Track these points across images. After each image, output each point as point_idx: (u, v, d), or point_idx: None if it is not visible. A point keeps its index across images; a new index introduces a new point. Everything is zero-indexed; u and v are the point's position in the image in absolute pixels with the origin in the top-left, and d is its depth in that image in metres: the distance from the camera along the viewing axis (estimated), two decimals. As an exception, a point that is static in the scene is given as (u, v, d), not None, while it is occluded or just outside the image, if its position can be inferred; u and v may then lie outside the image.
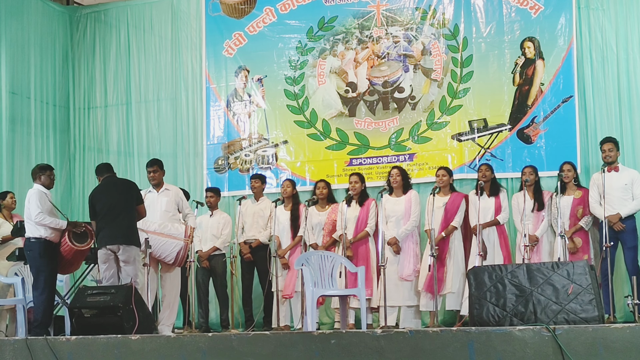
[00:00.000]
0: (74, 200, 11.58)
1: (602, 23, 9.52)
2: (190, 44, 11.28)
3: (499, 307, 6.01)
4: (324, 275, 7.69)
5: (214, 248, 9.56)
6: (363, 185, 9.05)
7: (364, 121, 10.30)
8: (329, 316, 9.57)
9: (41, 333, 7.23)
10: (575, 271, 5.99)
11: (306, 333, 6.05)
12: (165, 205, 8.29)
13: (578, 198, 8.52)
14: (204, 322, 9.61)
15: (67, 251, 7.57)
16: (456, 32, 10.03)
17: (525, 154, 9.58)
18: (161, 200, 8.30)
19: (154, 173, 8.37)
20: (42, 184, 7.81)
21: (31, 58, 11.16)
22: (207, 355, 5.90)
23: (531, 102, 9.65)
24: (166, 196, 8.34)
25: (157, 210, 8.24)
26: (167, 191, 8.40)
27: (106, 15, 11.82)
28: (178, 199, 8.39)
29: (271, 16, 10.89)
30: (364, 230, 8.84)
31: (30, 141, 11.04)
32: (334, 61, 10.53)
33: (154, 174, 8.37)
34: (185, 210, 8.43)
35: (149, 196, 8.32)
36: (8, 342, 6.73)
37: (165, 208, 8.28)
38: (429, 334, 5.48)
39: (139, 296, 7.42)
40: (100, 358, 6.25)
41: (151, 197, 8.32)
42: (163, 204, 8.28)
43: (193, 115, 11.15)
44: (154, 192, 8.36)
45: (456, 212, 8.70)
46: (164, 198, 8.32)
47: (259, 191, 9.70)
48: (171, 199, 8.33)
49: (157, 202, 8.28)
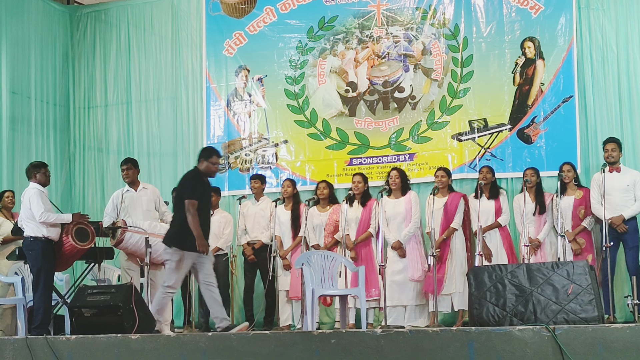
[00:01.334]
0: (74, 199, 11.58)
1: (602, 23, 9.52)
2: (190, 43, 11.27)
3: (499, 307, 6.02)
4: (324, 275, 7.69)
5: (216, 248, 9.55)
6: (366, 185, 9.05)
7: (364, 121, 10.30)
8: (329, 316, 9.57)
9: (41, 332, 7.23)
10: (575, 271, 6.01)
11: (306, 332, 6.05)
12: (146, 204, 8.34)
13: (579, 198, 8.52)
14: (204, 322, 9.60)
15: (69, 249, 7.59)
16: (456, 32, 10.03)
17: (526, 154, 9.58)
18: (141, 200, 8.34)
19: (127, 170, 8.42)
20: (39, 182, 7.81)
21: (31, 57, 11.16)
22: (207, 355, 5.91)
23: (531, 102, 9.65)
24: (145, 195, 8.39)
25: (139, 210, 8.28)
26: (145, 190, 8.44)
27: (106, 14, 11.81)
28: (156, 197, 8.47)
29: (271, 16, 10.89)
30: (367, 231, 8.85)
31: (30, 140, 11.04)
32: (334, 61, 10.53)
33: (127, 172, 8.41)
34: (162, 209, 8.50)
35: (127, 196, 8.36)
36: (8, 341, 6.73)
37: (147, 207, 8.34)
38: (428, 333, 5.49)
39: (139, 295, 7.42)
40: (100, 357, 6.26)
41: (130, 196, 8.36)
42: (144, 203, 8.32)
43: (193, 114, 11.15)
44: (132, 192, 8.39)
45: (455, 212, 8.70)
46: (144, 197, 8.37)
47: (259, 191, 9.70)
48: (150, 197, 8.39)
49: (138, 202, 8.31)
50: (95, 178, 11.58)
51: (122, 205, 8.27)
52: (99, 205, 11.43)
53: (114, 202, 8.34)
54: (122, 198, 8.31)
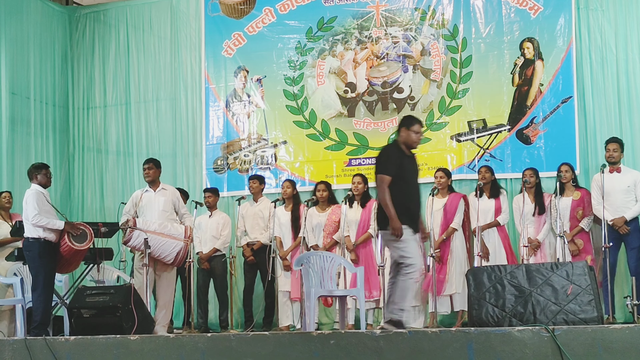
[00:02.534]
0: (73, 200, 11.57)
1: (601, 24, 9.52)
2: (189, 44, 11.27)
3: (498, 307, 6.02)
4: (323, 275, 7.68)
5: (214, 250, 9.55)
6: (366, 186, 9.04)
7: (363, 121, 10.30)
8: (328, 317, 9.57)
9: (40, 333, 7.22)
10: (575, 272, 6.00)
11: (305, 333, 6.05)
12: (163, 205, 8.29)
13: (577, 199, 8.52)
14: (203, 323, 9.60)
15: (66, 251, 7.56)
16: (455, 32, 10.04)
17: (525, 155, 9.58)
18: (158, 200, 8.30)
19: (148, 170, 8.38)
20: (40, 183, 7.79)
21: (31, 58, 11.15)
22: (206, 356, 5.91)
23: (530, 102, 9.65)
24: (163, 196, 8.34)
25: (155, 210, 8.24)
26: (164, 191, 8.39)
27: (105, 15, 11.81)
28: (175, 199, 8.40)
29: (270, 16, 10.88)
30: (367, 232, 8.85)
31: (29, 141, 11.04)
32: (333, 61, 10.53)
33: (148, 171, 8.37)
34: (181, 211, 8.43)
35: (145, 195, 8.32)
36: (7, 342, 6.73)
37: (163, 208, 8.28)
38: (428, 334, 5.49)
39: (138, 296, 7.42)
40: (99, 358, 6.25)
41: (148, 196, 8.32)
42: (160, 204, 8.28)
43: (192, 115, 11.15)
44: (151, 192, 8.35)
45: (455, 213, 8.70)
46: (162, 198, 8.32)
47: (257, 192, 9.69)
48: (168, 198, 8.34)
49: (155, 202, 8.28)
50: (95, 179, 11.57)
51: (140, 204, 8.28)
52: (98, 206, 11.44)
53: (133, 201, 8.35)
54: (140, 198, 8.31)
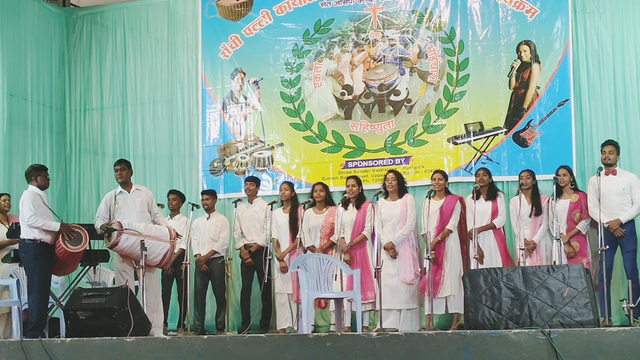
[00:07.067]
0: (69, 202, 11.56)
1: (598, 27, 9.54)
2: (186, 46, 11.27)
3: (495, 310, 6.02)
4: (320, 277, 7.68)
5: (212, 252, 9.55)
6: (360, 188, 9.04)
7: (359, 124, 10.30)
8: (324, 319, 9.56)
9: (36, 335, 7.21)
10: (571, 275, 6.01)
11: (302, 336, 6.05)
12: (140, 206, 8.28)
13: (574, 202, 8.52)
14: (199, 325, 9.60)
15: (61, 253, 7.55)
16: (452, 35, 10.05)
17: (521, 157, 9.58)
18: (135, 201, 8.28)
19: (121, 171, 8.35)
20: (38, 185, 7.78)
21: (27, 60, 11.14)
22: (203, 358, 5.90)
23: (527, 105, 9.66)
24: (138, 197, 8.33)
25: (133, 212, 8.22)
26: (138, 191, 8.39)
27: (102, 17, 11.80)
28: (149, 199, 8.42)
29: (267, 19, 10.89)
30: (361, 234, 8.85)
31: (26, 143, 11.03)
32: (330, 64, 10.54)
33: (121, 172, 8.35)
34: (154, 210, 8.44)
35: (120, 197, 8.28)
36: (3, 344, 6.72)
37: (140, 209, 8.28)
38: (424, 337, 5.49)
39: (134, 298, 7.41)
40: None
41: (123, 198, 8.29)
42: (137, 205, 8.27)
43: (189, 117, 11.14)
44: (125, 193, 8.32)
45: (451, 215, 8.71)
46: (137, 199, 8.31)
47: (252, 194, 9.69)
48: (144, 199, 8.34)
49: (131, 203, 8.26)
50: (91, 180, 11.56)
51: (115, 207, 8.23)
52: (94, 208, 11.33)
53: (107, 203, 8.27)
54: (115, 199, 8.25)
